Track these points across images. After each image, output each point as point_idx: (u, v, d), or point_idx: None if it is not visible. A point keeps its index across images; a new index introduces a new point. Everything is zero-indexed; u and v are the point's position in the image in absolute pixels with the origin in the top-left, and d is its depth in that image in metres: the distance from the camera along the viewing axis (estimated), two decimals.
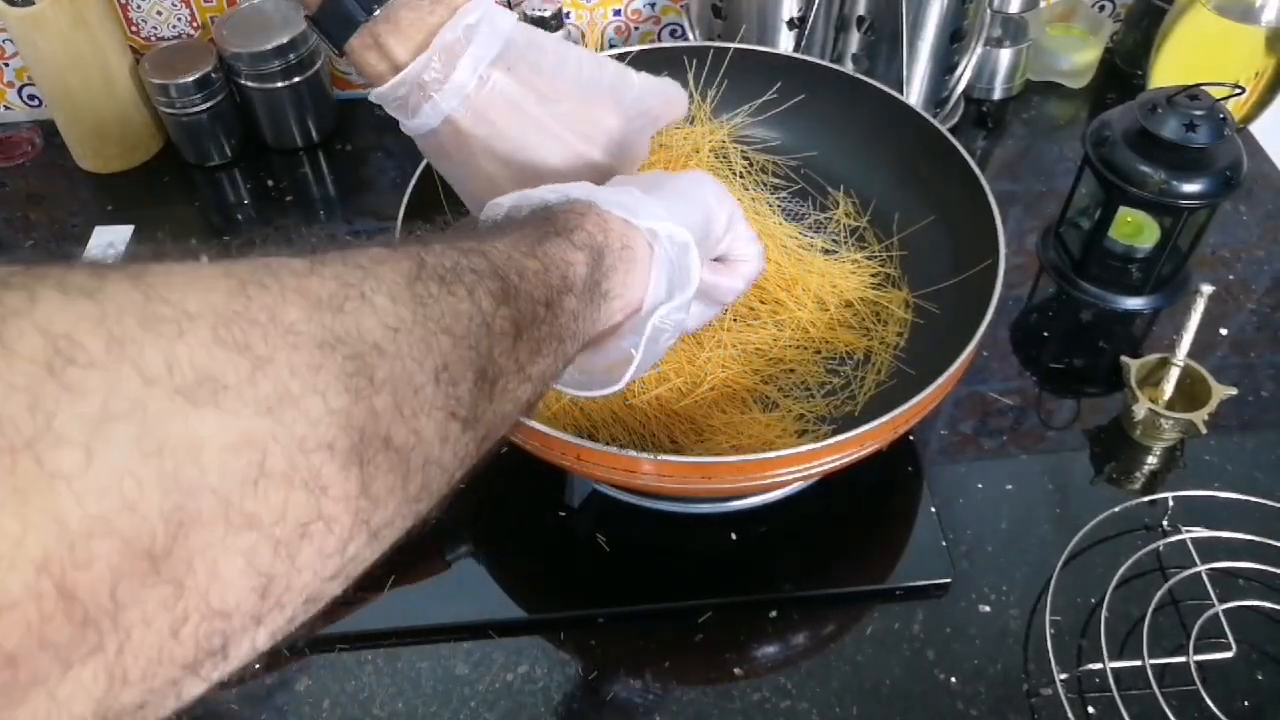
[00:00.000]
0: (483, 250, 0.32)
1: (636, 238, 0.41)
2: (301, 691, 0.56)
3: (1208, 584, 0.57)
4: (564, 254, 0.36)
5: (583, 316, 0.37)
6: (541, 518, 0.62)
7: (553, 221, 0.38)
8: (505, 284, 0.32)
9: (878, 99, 0.68)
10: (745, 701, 0.55)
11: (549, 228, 0.38)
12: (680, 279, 0.42)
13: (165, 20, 0.88)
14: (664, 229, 0.41)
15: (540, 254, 0.35)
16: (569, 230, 0.38)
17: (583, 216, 0.39)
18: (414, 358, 0.26)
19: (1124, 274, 0.76)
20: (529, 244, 0.35)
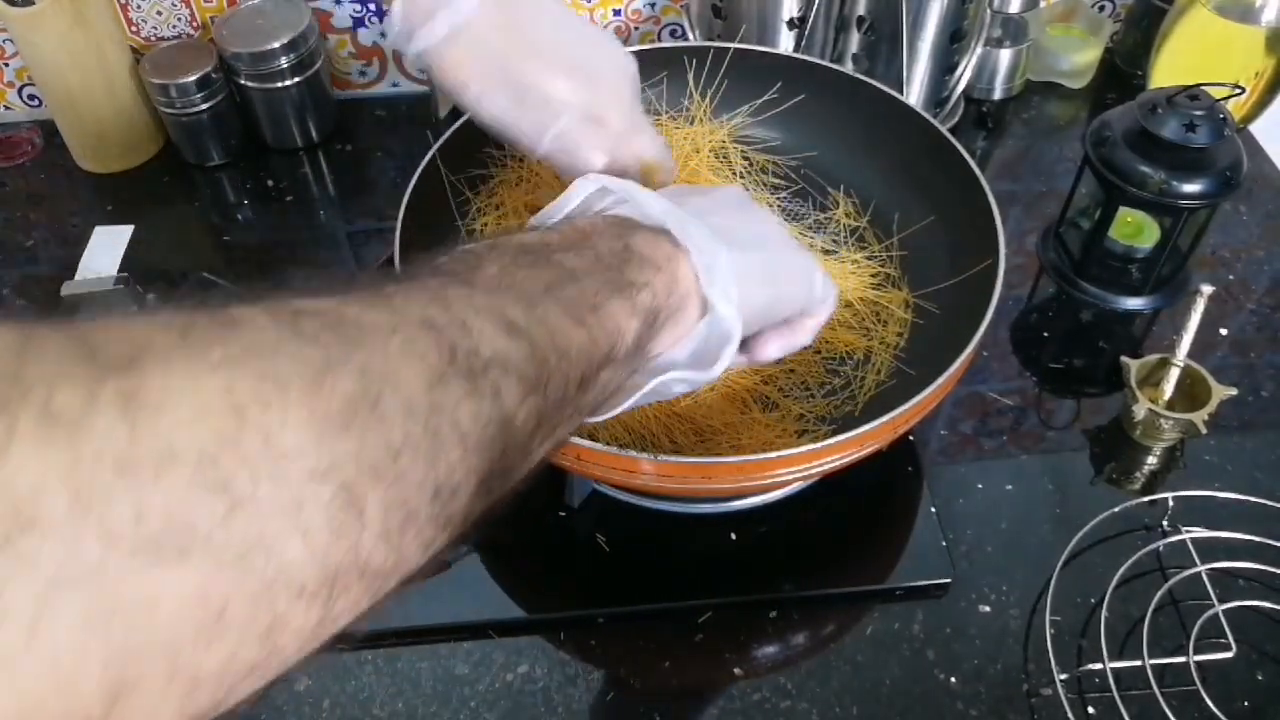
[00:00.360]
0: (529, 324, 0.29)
1: (694, 300, 0.38)
2: (301, 691, 0.56)
3: (1208, 584, 0.57)
4: (619, 321, 0.34)
5: (613, 382, 0.35)
6: (541, 518, 0.62)
7: (626, 264, 0.35)
8: (541, 370, 0.29)
9: (878, 99, 0.68)
10: (745, 701, 0.55)
11: (618, 275, 0.34)
12: (706, 361, 0.40)
13: (165, 20, 0.88)
14: (725, 311, 0.38)
15: (593, 322, 0.32)
16: (636, 286, 0.35)
17: (658, 270, 0.36)
18: (414, 479, 0.24)
19: (1124, 274, 0.76)
20: (587, 300, 0.32)
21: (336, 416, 0.22)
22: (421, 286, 0.28)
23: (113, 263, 0.73)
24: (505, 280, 0.31)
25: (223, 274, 0.78)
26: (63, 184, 0.87)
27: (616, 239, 0.37)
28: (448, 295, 0.28)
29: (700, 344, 0.39)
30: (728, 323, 0.39)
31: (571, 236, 0.36)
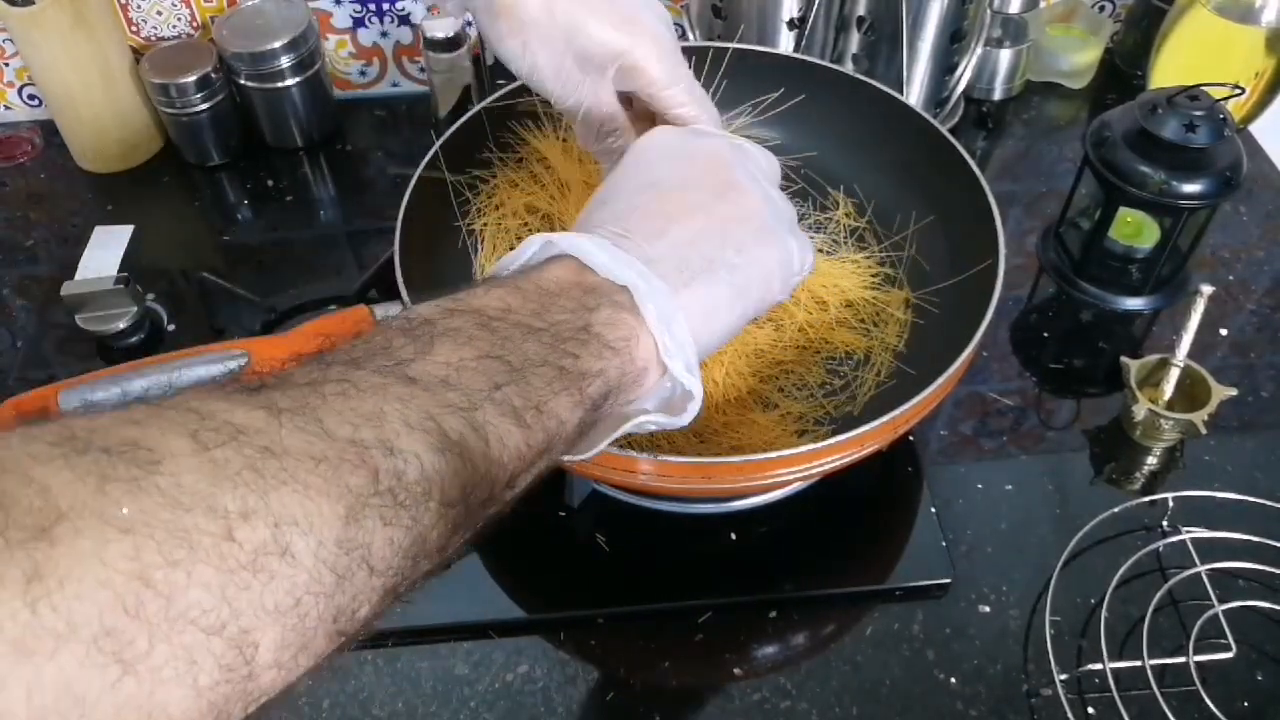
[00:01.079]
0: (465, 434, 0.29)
1: (654, 363, 0.38)
2: (301, 691, 0.56)
3: (1207, 584, 0.57)
4: (562, 416, 0.33)
5: (547, 468, 0.34)
6: (541, 518, 0.62)
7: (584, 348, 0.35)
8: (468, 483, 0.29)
9: (878, 99, 0.68)
10: (745, 701, 0.55)
11: (573, 363, 0.34)
12: (673, 408, 0.40)
13: (165, 20, 0.88)
14: (686, 380, 0.38)
15: (533, 422, 0.32)
16: (588, 377, 0.35)
17: (615, 354, 0.36)
18: (315, 614, 0.24)
19: (1124, 274, 0.76)
20: (533, 400, 0.32)
21: (243, 570, 0.23)
22: (360, 388, 0.28)
23: (113, 263, 0.73)
24: (452, 376, 0.30)
25: (223, 274, 0.78)
26: (63, 184, 0.87)
27: (578, 313, 0.36)
28: (386, 402, 0.28)
29: (666, 397, 0.39)
30: (689, 385, 0.38)
31: (533, 304, 0.35)
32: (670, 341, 0.38)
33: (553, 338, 0.34)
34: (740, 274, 0.42)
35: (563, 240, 0.38)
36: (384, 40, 0.91)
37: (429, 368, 0.30)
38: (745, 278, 0.42)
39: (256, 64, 0.83)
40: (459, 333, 0.32)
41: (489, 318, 0.33)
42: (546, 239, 0.39)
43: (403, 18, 0.90)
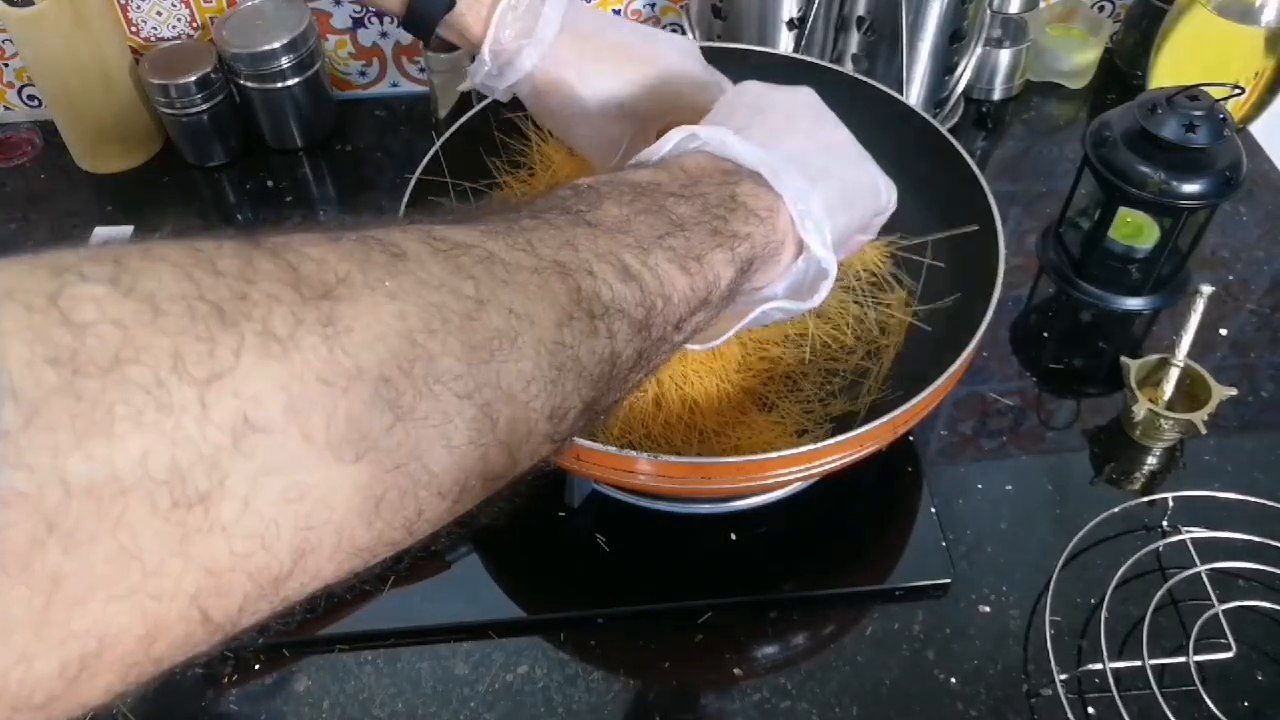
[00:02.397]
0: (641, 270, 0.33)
1: (790, 243, 0.41)
2: (301, 692, 0.56)
3: (1207, 584, 0.57)
4: (718, 270, 0.36)
5: (704, 322, 0.38)
6: (541, 518, 0.62)
7: (732, 214, 0.38)
8: (648, 314, 0.33)
9: (878, 99, 0.68)
10: (745, 701, 0.55)
11: (723, 225, 0.37)
12: (805, 294, 0.43)
13: (165, 20, 0.88)
14: (822, 253, 0.41)
15: (695, 270, 0.35)
16: (738, 238, 0.38)
17: (760, 222, 0.39)
18: (538, 404, 0.28)
19: (1124, 274, 0.76)
20: (693, 250, 0.35)
21: (482, 349, 0.26)
22: (551, 225, 0.31)
23: None
24: (623, 224, 0.34)
25: None
26: (63, 184, 0.87)
27: (723, 186, 0.39)
28: (576, 237, 0.32)
29: (798, 279, 0.42)
30: (826, 262, 0.42)
31: (681, 179, 0.38)
32: (807, 215, 0.41)
33: (703, 205, 0.37)
34: (846, 179, 0.45)
35: (703, 131, 0.41)
36: (384, 40, 0.91)
37: (603, 216, 0.34)
38: (852, 190, 0.45)
39: (256, 64, 0.82)
40: (621, 194, 0.35)
41: (644, 189, 0.37)
42: (689, 131, 0.41)
43: None
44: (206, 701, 0.56)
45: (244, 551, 0.21)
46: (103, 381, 0.19)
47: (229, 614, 0.22)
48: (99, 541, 0.19)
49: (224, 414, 0.20)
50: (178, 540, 0.20)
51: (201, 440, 0.20)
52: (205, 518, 0.20)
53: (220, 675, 0.56)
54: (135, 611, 0.20)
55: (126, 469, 0.19)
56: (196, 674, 0.57)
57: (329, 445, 0.22)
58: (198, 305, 0.21)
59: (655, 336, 0.33)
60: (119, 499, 0.19)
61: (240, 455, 0.21)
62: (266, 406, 0.21)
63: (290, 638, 0.58)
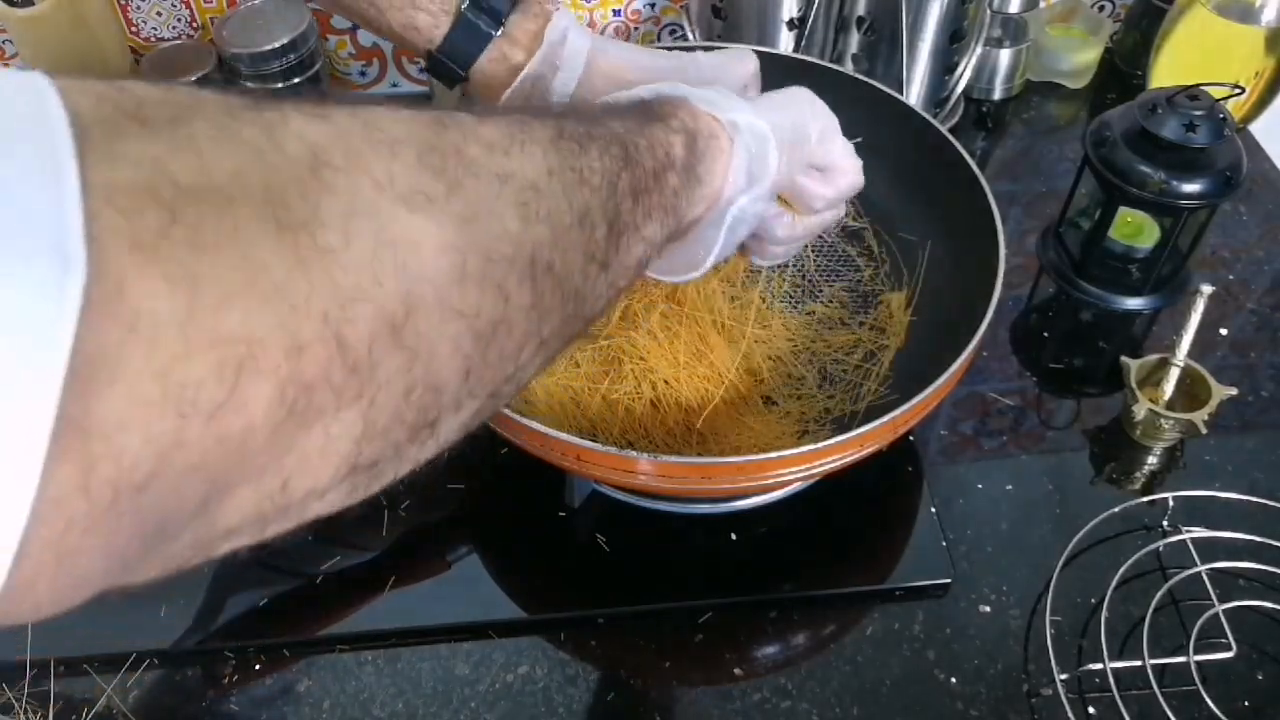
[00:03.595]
0: (603, 122, 0.37)
1: (720, 130, 0.44)
2: (301, 692, 0.56)
3: (1208, 584, 0.57)
4: (664, 135, 0.40)
5: (681, 194, 0.40)
6: (541, 518, 0.62)
7: (649, 111, 0.41)
8: (625, 151, 0.36)
9: (878, 99, 0.68)
10: (745, 701, 0.55)
11: (647, 115, 0.41)
12: (759, 170, 0.45)
13: (165, 20, 0.88)
14: (745, 121, 0.44)
15: (645, 133, 0.38)
16: (665, 117, 0.41)
17: (676, 107, 0.42)
18: (564, 200, 0.31)
19: (1124, 274, 0.76)
20: (635, 125, 0.39)
21: (498, 144, 0.29)
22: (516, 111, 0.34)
23: None
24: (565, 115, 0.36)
25: None
26: None
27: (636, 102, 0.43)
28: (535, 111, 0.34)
29: (746, 160, 0.44)
30: (757, 126, 0.45)
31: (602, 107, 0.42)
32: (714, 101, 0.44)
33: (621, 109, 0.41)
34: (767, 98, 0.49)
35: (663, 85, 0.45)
36: (384, 40, 0.91)
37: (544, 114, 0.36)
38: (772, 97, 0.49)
39: (256, 64, 0.82)
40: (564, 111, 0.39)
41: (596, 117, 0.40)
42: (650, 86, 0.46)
43: None
44: (207, 701, 0.56)
45: (358, 284, 0.22)
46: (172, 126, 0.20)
47: (362, 343, 0.22)
48: (223, 248, 0.19)
49: (295, 149, 0.22)
50: (295, 260, 0.21)
51: (284, 165, 0.21)
52: (313, 244, 0.21)
53: (221, 675, 0.57)
54: (275, 319, 0.20)
55: (225, 181, 0.20)
56: (197, 673, 0.57)
57: (398, 197, 0.24)
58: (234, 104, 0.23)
59: (640, 176, 0.36)
60: (229, 208, 0.20)
61: (325, 190, 0.22)
62: (329, 152, 0.23)
63: (290, 638, 0.58)
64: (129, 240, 0.18)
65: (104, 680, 0.56)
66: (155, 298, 0.18)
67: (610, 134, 0.36)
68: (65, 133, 0.18)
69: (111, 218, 0.18)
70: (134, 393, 0.18)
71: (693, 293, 0.62)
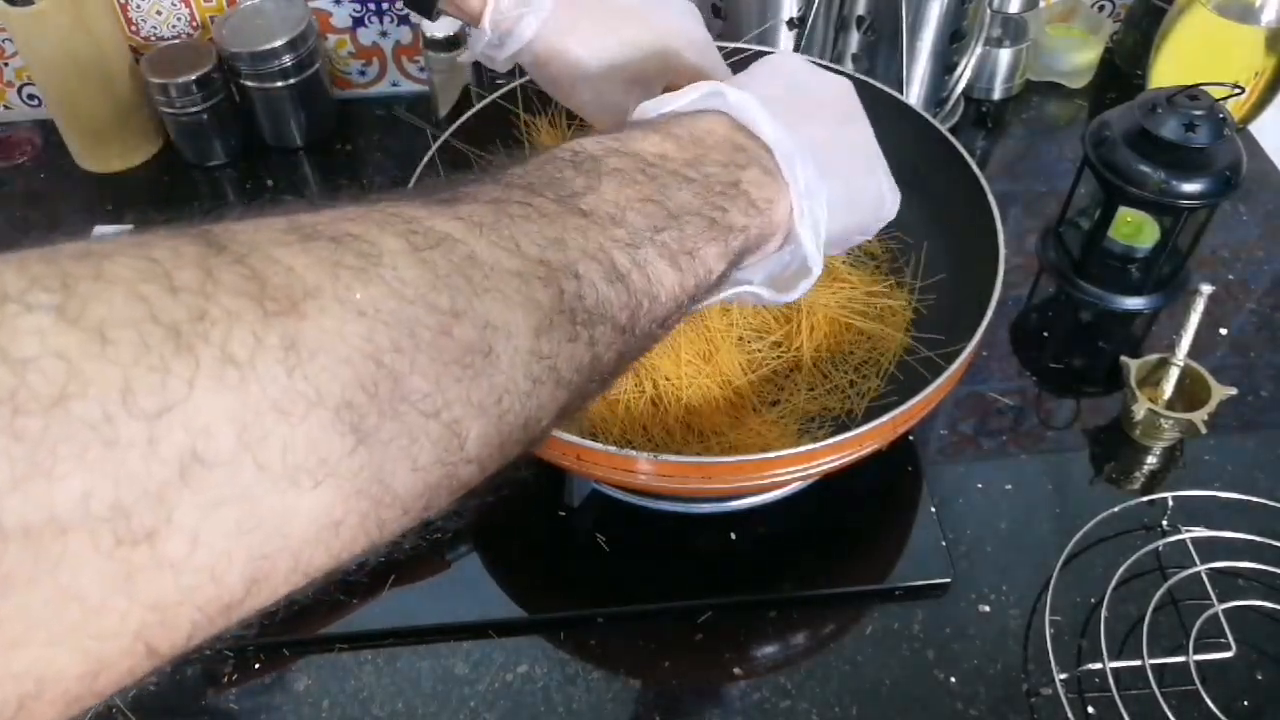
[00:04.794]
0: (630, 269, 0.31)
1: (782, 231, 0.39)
2: (301, 691, 0.56)
3: (1207, 584, 0.57)
4: (711, 264, 0.35)
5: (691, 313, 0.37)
6: (541, 518, 0.62)
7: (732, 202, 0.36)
8: (633, 316, 0.32)
9: (878, 99, 0.67)
10: (745, 701, 0.55)
11: (721, 215, 0.36)
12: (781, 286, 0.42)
13: (165, 20, 0.88)
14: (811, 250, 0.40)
15: (686, 265, 0.34)
16: (734, 232, 0.36)
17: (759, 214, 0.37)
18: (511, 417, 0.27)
19: (1124, 274, 0.76)
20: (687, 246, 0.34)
21: (455, 364, 0.25)
22: (540, 214, 0.30)
23: None
24: (618, 214, 0.32)
25: None
26: (63, 184, 0.87)
27: (729, 169, 0.37)
28: (565, 230, 0.30)
29: (778, 270, 0.41)
30: (812, 261, 0.41)
31: (689, 151, 0.37)
32: (810, 213, 0.39)
33: (705, 189, 0.36)
34: (855, 189, 0.44)
35: (731, 94, 0.39)
36: (384, 40, 0.91)
37: (599, 203, 0.32)
38: (858, 194, 0.44)
39: (256, 64, 0.82)
40: (622, 174, 0.34)
41: (647, 162, 0.35)
42: (715, 89, 0.39)
43: (402, 17, 0.90)
44: (206, 700, 0.56)
45: (193, 585, 0.21)
46: (45, 420, 0.18)
47: (175, 645, 0.21)
48: (37, 584, 0.18)
49: (171, 448, 0.20)
50: (121, 579, 0.19)
51: (147, 476, 0.19)
52: (151, 555, 0.20)
53: (220, 674, 0.56)
54: (76, 652, 0.19)
55: (67, 509, 0.18)
56: (196, 672, 0.57)
57: (285, 474, 0.22)
58: (151, 330, 0.20)
59: (639, 335, 0.32)
60: (59, 540, 0.18)
61: (188, 489, 0.20)
62: (217, 438, 0.20)
63: (290, 637, 0.58)
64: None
65: None
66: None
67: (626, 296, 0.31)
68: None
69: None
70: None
71: None
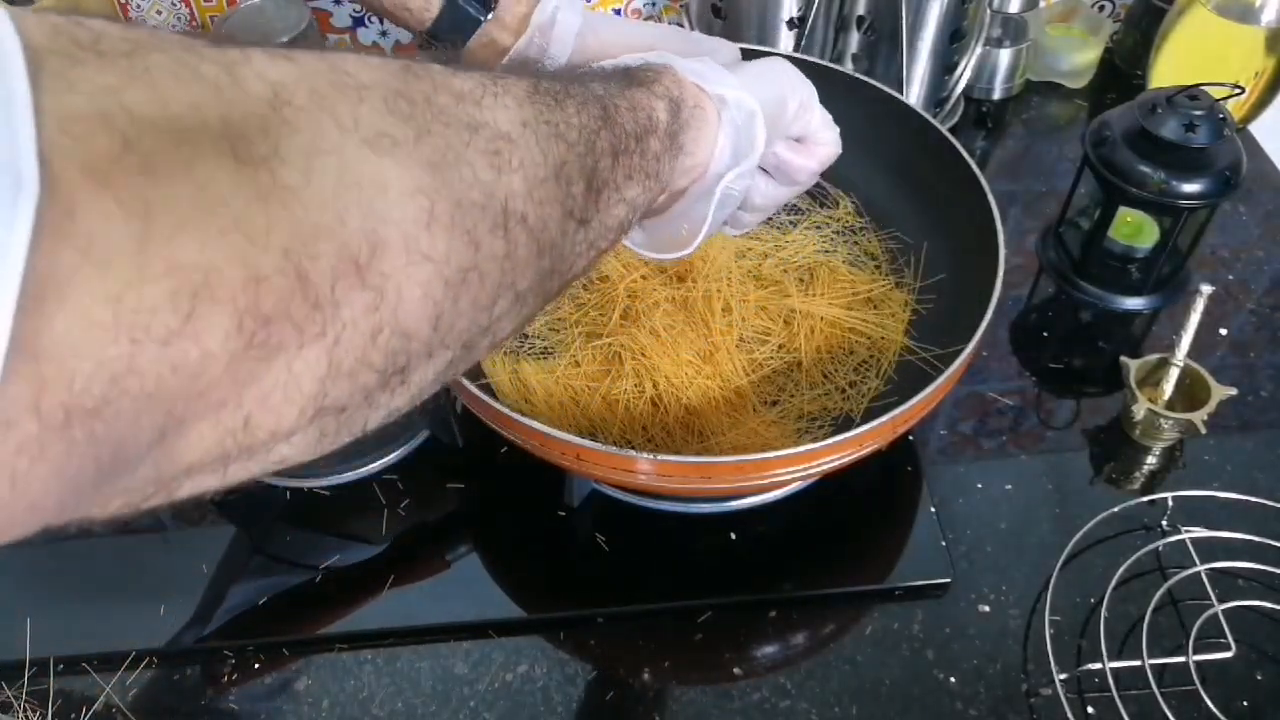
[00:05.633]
0: (582, 81, 0.36)
1: (706, 101, 0.43)
2: (301, 691, 0.56)
3: (1207, 584, 0.57)
4: (647, 100, 0.39)
5: (663, 160, 0.39)
6: (541, 518, 0.62)
7: (632, 76, 0.41)
8: (605, 111, 0.35)
9: (878, 99, 0.68)
10: (745, 701, 0.55)
11: (629, 79, 0.40)
12: (745, 145, 0.44)
13: (165, 20, 0.88)
14: (732, 95, 0.43)
15: (626, 95, 0.38)
16: (648, 82, 0.41)
17: (660, 74, 0.42)
18: (538, 151, 0.30)
19: (1124, 274, 0.76)
20: (616, 87, 0.38)
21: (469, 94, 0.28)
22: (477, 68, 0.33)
23: None
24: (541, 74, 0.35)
25: None
26: None
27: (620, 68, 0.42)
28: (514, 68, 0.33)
29: (733, 135, 0.43)
30: (743, 100, 0.44)
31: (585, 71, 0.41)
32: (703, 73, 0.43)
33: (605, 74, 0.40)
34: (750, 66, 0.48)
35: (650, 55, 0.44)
36: (383, 40, 0.91)
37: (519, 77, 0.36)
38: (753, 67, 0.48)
39: None
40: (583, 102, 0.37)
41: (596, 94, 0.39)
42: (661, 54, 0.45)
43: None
44: (206, 700, 0.56)
45: (320, 221, 0.22)
46: (129, 59, 0.20)
47: (324, 279, 0.22)
48: (178, 179, 0.19)
49: (255, 86, 0.21)
50: (254, 194, 0.20)
51: (245, 101, 0.21)
52: (273, 180, 0.21)
53: (220, 674, 0.57)
54: (232, 250, 0.20)
55: (182, 112, 0.19)
56: (196, 672, 0.57)
57: (364, 139, 0.23)
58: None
59: (620, 136, 0.35)
60: (185, 142, 0.19)
61: (285, 125, 0.21)
62: (291, 90, 0.22)
63: (290, 637, 0.58)
64: (81, 164, 0.18)
65: (103, 679, 0.56)
66: (108, 222, 0.18)
67: (589, 93, 0.35)
68: (18, 60, 0.18)
69: (64, 142, 0.17)
70: (86, 316, 0.17)
71: (696, 292, 0.62)
